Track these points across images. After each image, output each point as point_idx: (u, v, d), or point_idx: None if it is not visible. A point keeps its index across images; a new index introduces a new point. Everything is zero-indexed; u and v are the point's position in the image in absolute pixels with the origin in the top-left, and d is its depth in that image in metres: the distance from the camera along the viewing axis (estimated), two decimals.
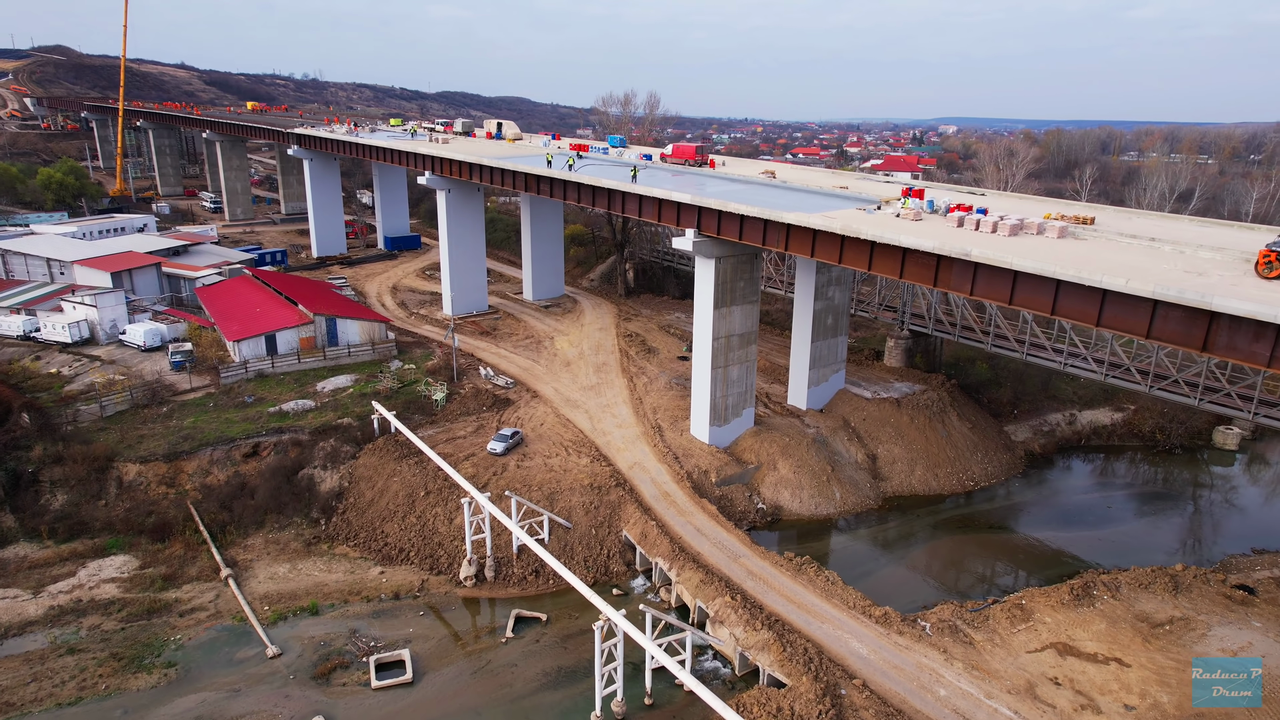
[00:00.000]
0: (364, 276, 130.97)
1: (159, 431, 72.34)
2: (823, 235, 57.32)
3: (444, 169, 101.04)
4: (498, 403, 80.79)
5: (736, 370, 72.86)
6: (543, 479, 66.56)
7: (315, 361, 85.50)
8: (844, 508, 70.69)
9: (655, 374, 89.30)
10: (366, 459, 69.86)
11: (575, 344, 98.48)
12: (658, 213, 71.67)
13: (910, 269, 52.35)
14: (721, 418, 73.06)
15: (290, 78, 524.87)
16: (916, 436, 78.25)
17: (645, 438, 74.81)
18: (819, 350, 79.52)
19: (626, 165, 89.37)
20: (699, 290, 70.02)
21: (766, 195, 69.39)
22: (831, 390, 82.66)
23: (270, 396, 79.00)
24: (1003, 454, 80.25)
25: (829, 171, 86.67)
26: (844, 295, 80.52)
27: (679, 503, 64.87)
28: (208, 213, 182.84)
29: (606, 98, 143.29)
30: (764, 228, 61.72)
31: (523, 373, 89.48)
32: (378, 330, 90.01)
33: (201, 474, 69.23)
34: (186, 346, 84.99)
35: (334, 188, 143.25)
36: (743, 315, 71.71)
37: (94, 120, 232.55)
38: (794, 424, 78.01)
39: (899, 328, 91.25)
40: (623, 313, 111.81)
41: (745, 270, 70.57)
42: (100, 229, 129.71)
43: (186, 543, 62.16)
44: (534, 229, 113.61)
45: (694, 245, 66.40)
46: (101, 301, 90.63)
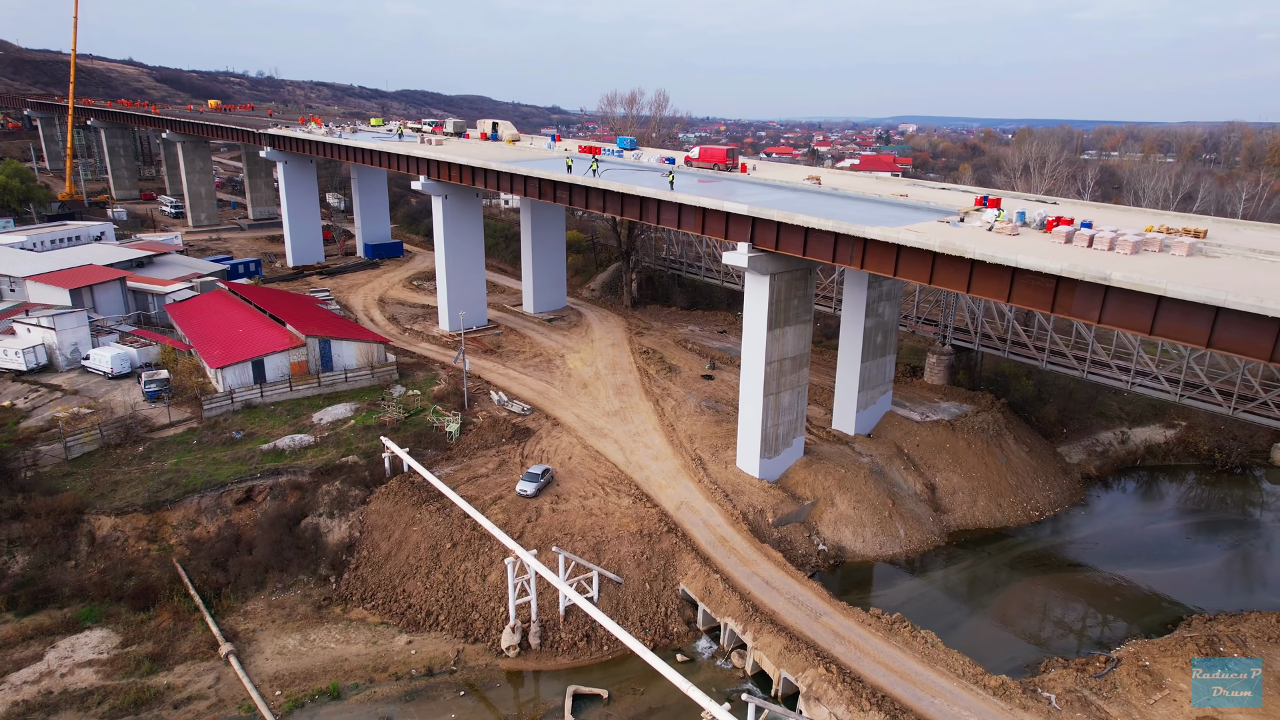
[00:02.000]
0: (346, 288, 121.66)
1: (136, 476, 63.21)
2: (909, 252, 50.96)
3: (442, 173, 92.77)
4: (517, 433, 73.04)
5: (788, 396, 66.32)
6: (584, 525, 59.17)
7: (309, 389, 76.76)
8: (909, 546, 64.58)
9: (682, 396, 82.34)
10: (379, 504, 61.68)
11: (589, 362, 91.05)
12: (701, 224, 64.74)
13: (1021, 291, 46.24)
14: (772, 449, 66.45)
15: (245, 75, 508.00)
16: (975, 463, 72.57)
17: (687, 471, 67.83)
18: (868, 371, 73.39)
19: (648, 169, 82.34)
20: (750, 310, 63.27)
21: (824, 204, 62.91)
22: (879, 413, 76.63)
23: (261, 431, 70.20)
24: (1061, 479, 75.02)
25: (879, 177, 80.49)
26: (894, 311, 74.53)
27: (739, 549, 58.03)
28: (168, 218, 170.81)
29: (611, 96, 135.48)
30: (834, 242, 55.18)
31: (538, 397, 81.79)
32: (376, 352, 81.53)
33: (188, 525, 60.41)
34: (162, 374, 75.56)
35: (310, 192, 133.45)
36: (795, 336, 65.16)
37: (39, 119, 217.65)
38: (845, 452, 71.72)
39: (940, 342, 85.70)
40: (633, 326, 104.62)
41: (799, 287, 64.05)
42: (53, 238, 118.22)
43: (175, 610, 53.44)
44: (535, 237, 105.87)
45: (749, 261, 59.60)
46: (61, 323, 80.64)
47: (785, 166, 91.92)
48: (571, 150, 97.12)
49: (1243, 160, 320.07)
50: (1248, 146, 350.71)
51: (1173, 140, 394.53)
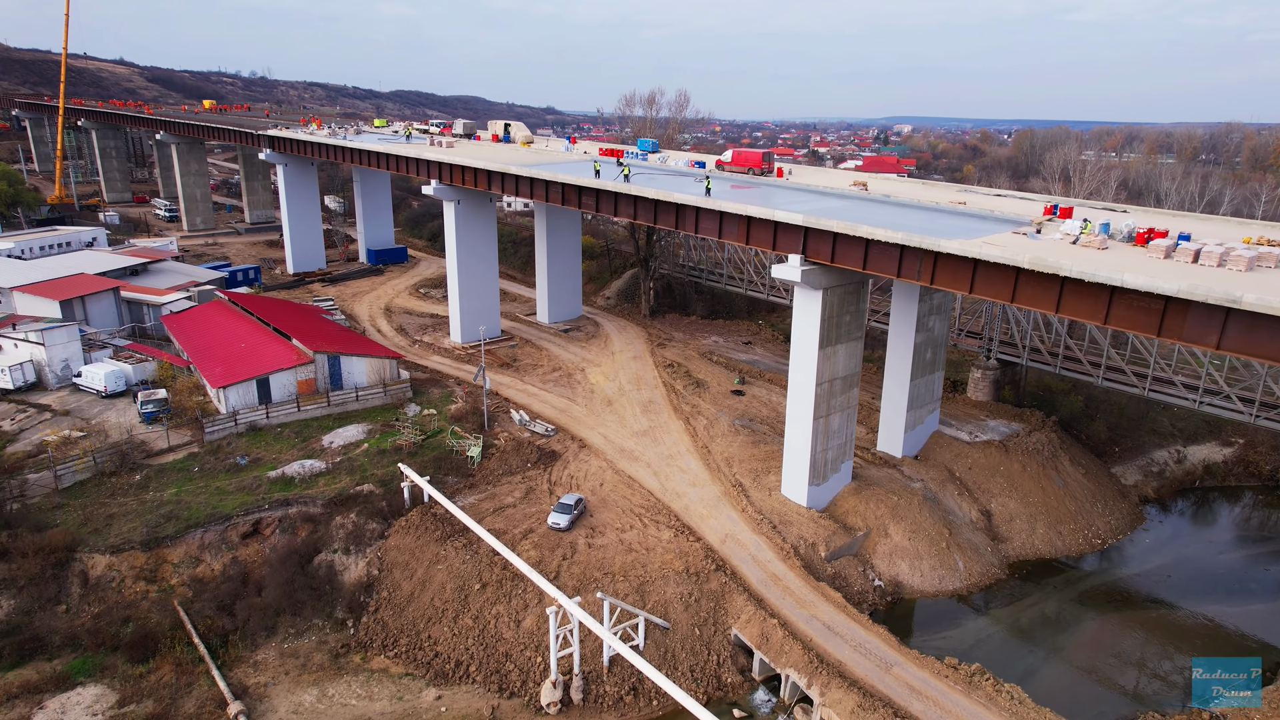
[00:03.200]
0: (350, 296, 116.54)
1: (133, 508, 58.11)
2: (989, 267, 46.37)
3: (455, 177, 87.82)
4: (543, 456, 68.17)
5: (838, 419, 61.68)
6: (624, 563, 54.35)
7: (317, 409, 71.72)
8: (969, 579, 60.00)
9: (713, 414, 77.63)
10: (399, 539, 56.73)
11: (611, 377, 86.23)
12: (745, 233, 60.05)
13: (1122, 313, 41.70)
14: (821, 475, 61.80)
15: (238, 75, 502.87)
16: (1031, 487, 68.08)
17: (728, 499, 63.12)
18: (917, 389, 68.83)
19: (678, 174, 77.67)
20: (800, 327, 58.59)
21: (878, 213, 58.33)
22: (926, 433, 72.07)
23: (268, 456, 65.16)
24: (1119, 503, 70.62)
25: (928, 182, 75.97)
26: (944, 325, 70.02)
27: (793, 588, 53.32)
28: (163, 222, 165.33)
29: (629, 96, 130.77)
30: (900, 255, 50.57)
31: (561, 415, 76.94)
32: (389, 369, 76.52)
33: (190, 563, 55.36)
34: (160, 394, 70.42)
35: (311, 196, 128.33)
36: (847, 355, 60.54)
37: (27, 119, 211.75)
38: (894, 476, 67.13)
39: (984, 357, 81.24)
40: (653, 337, 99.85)
41: (852, 302, 59.44)
42: (42, 244, 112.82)
43: (177, 662, 48.36)
44: (551, 243, 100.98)
45: (802, 275, 54.91)
46: (51, 337, 75.39)
47: (823, 171, 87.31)
48: (591, 153, 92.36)
49: (1245, 161, 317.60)
50: (1250, 147, 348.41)
51: (1173, 141, 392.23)
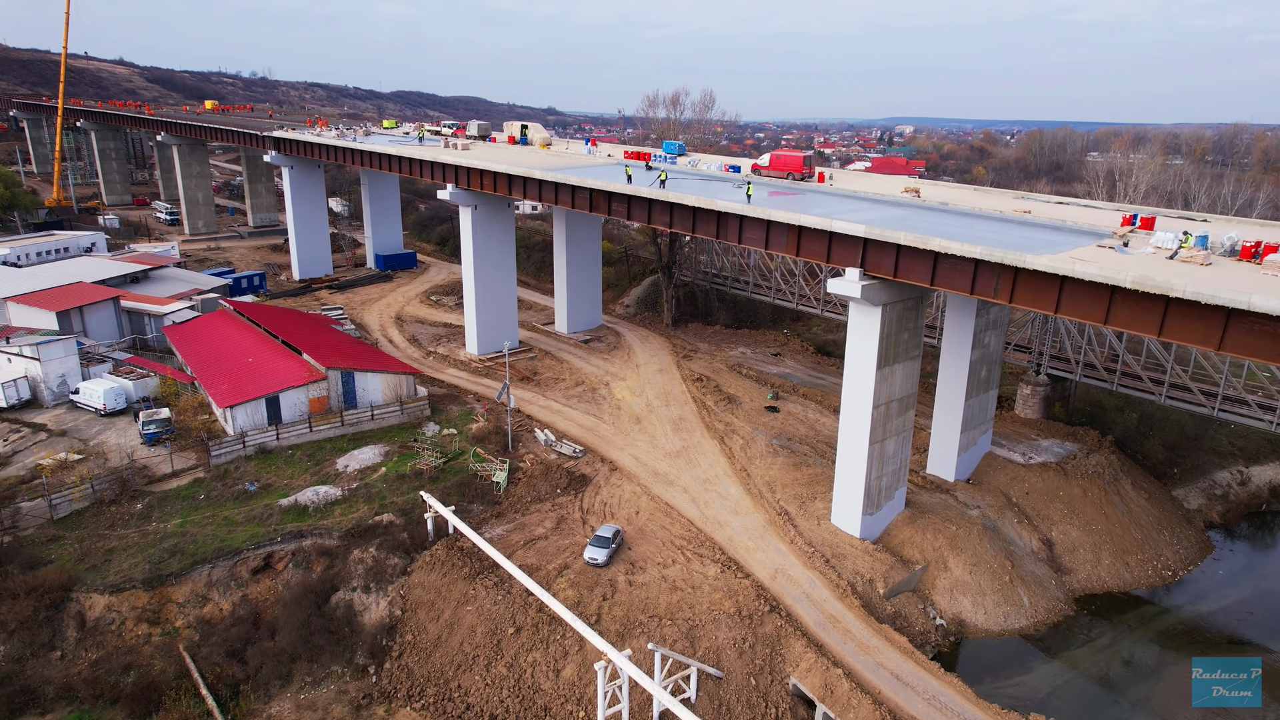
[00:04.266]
0: (359, 304, 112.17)
1: (134, 542, 53.71)
2: (1078, 285, 42.02)
3: (473, 181, 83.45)
4: (573, 481, 63.79)
5: (894, 443, 57.37)
6: (669, 604, 49.97)
7: (330, 429, 67.33)
8: (1035, 617, 55.64)
9: (748, 433, 73.28)
10: (423, 576, 52.33)
11: (637, 392, 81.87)
12: (796, 244, 55.70)
13: (1240, 338, 37.39)
14: (875, 504, 57.47)
15: (238, 76, 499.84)
16: (1094, 514, 63.75)
17: (774, 529, 58.77)
18: (971, 409, 64.53)
19: (712, 178, 73.40)
20: (856, 346, 54.28)
21: (940, 223, 54.06)
22: (978, 455, 67.79)
23: (279, 482, 60.76)
24: (1185, 529, 66.32)
25: (988, 190, 71.63)
26: (1000, 341, 65.75)
27: (854, 632, 48.97)
28: (163, 225, 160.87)
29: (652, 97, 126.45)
30: (974, 270, 46.24)
31: (588, 435, 72.57)
32: (405, 385, 72.14)
33: (196, 603, 50.97)
34: (163, 414, 66.02)
35: (318, 199, 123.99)
36: (904, 375, 56.25)
37: (25, 119, 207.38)
38: (949, 503, 62.81)
39: (1034, 371, 76.93)
40: (677, 349, 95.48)
41: (910, 318, 55.15)
42: (38, 250, 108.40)
43: (184, 716, 44.01)
44: (570, 250, 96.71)
45: (862, 291, 50.56)
46: (47, 352, 71.02)
47: (866, 175, 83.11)
48: (615, 155, 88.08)
49: (1256, 162, 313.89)
50: (1261, 148, 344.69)
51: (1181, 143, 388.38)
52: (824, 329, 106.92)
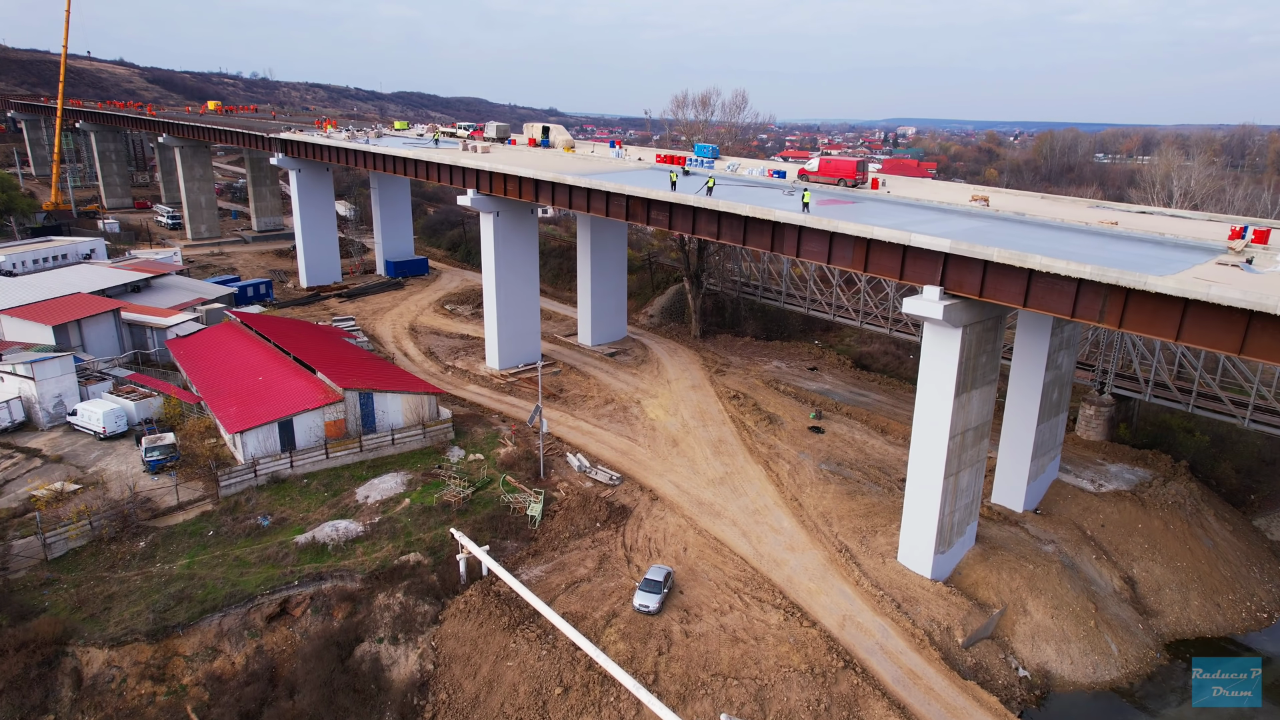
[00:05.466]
0: (370, 313, 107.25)
1: (137, 586, 48.72)
2: (1205, 309, 37.07)
3: (496, 186, 78.55)
4: (613, 513, 58.82)
5: (967, 475, 52.45)
6: (731, 659, 45.03)
7: (349, 455, 62.36)
8: (1126, 666, 50.68)
9: (794, 457, 68.41)
10: (457, 625, 47.38)
11: (672, 411, 76.94)
12: (864, 259, 50.75)
13: None
14: (947, 541, 52.52)
15: (239, 76, 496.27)
16: (1177, 549, 58.83)
17: (835, 568, 53.84)
18: (1042, 434, 59.64)
19: (756, 184, 68.57)
20: (932, 372, 49.27)
21: (1024, 236, 49.25)
22: (1046, 483, 62.93)
23: (294, 515, 55.79)
24: (1274, 564, 61.38)
25: (1058, 198, 66.69)
26: (1073, 360, 60.88)
27: (937, 689, 44.05)
28: (165, 229, 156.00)
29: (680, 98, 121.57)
30: (1075, 291, 41.36)
31: (623, 459, 67.66)
32: (427, 406, 67.18)
33: (206, 656, 45.97)
34: (167, 439, 61.07)
35: (326, 204, 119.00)
36: (980, 402, 51.30)
37: (23, 120, 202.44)
38: (1020, 537, 57.89)
39: (1097, 391, 72.05)
40: (708, 362, 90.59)
41: (989, 340, 50.24)
42: (35, 258, 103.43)
43: None
44: (595, 258, 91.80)
45: (944, 311, 45.65)
46: (42, 370, 66.07)
47: (923, 182, 78.01)
48: (646, 159, 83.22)
49: (1270, 164, 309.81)
50: (1275, 149, 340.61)
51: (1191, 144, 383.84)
52: (857, 340, 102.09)
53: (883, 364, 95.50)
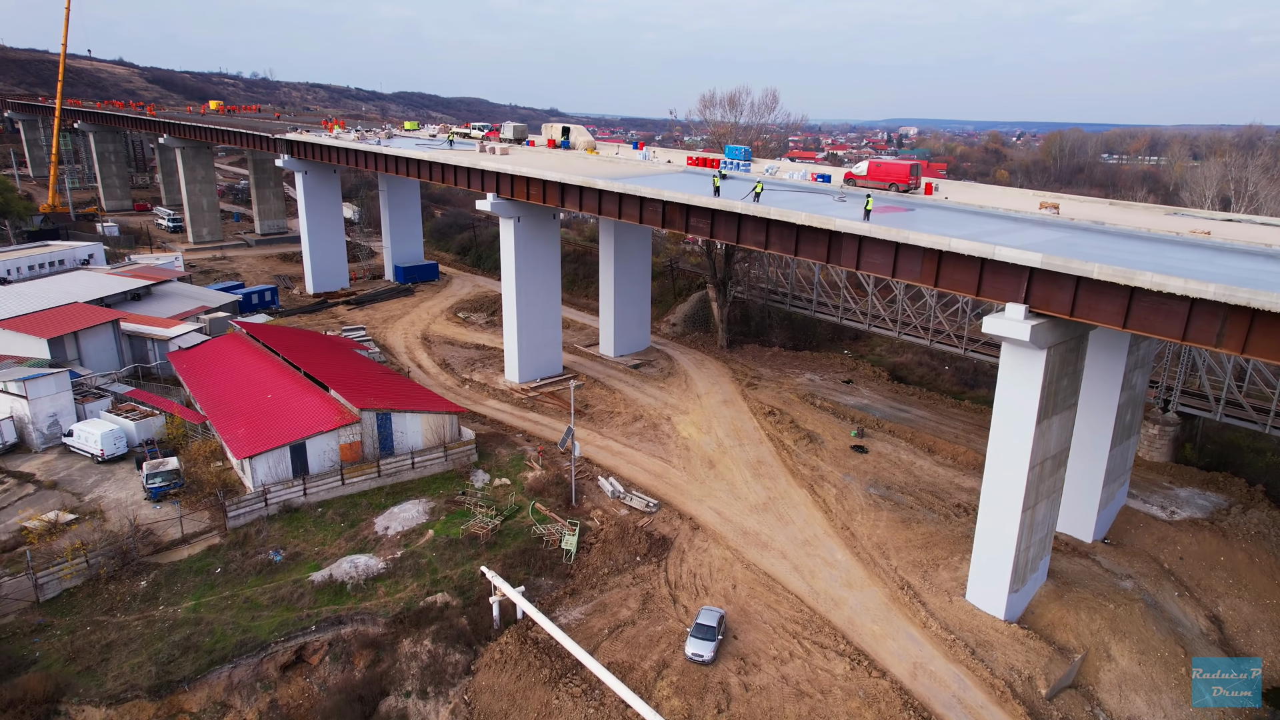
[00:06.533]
0: (381, 321, 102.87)
1: (138, 633, 44.28)
2: None
3: (518, 190, 74.20)
4: (653, 545, 54.39)
5: (1044, 507, 48.11)
6: (797, 717, 40.61)
7: (366, 480, 57.95)
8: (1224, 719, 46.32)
9: (840, 480, 64.05)
10: (492, 677, 42.95)
11: (705, 428, 72.55)
12: (934, 272, 46.36)
13: None
14: (1021, 578, 48.15)
15: (239, 76, 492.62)
16: (1265, 584, 54.40)
17: (899, 607, 49.44)
18: (1114, 459, 55.30)
19: (801, 189, 64.25)
20: (1010, 397, 44.84)
21: (1107, 246, 44.94)
22: (1114, 509, 58.59)
23: (309, 549, 51.35)
24: None
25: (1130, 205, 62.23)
26: (1146, 380, 56.52)
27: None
28: (165, 232, 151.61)
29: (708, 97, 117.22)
30: (1188, 311, 36.97)
31: (658, 482, 63.27)
32: (449, 426, 62.77)
33: (215, 713, 41.52)
34: (170, 464, 56.63)
35: (334, 207, 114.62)
36: (1060, 428, 47.00)
37: (20, 120, 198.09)
38: (1093, 571, 53.50)
39: (1160, 409, 67.69)
40: (738, 375, 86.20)
41: (1071, 361, 45.91)
42: (30, 264, 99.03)
43: None
44: (618, 265, 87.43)
45: (1032, 332, 41.25)
46: (35, 388, 61.66)
47: (982, 187, 73.39)
48: (676, 162, 78.91)
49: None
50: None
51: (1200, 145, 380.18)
52: (888, 350, 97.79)
53: (918, 376, 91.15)
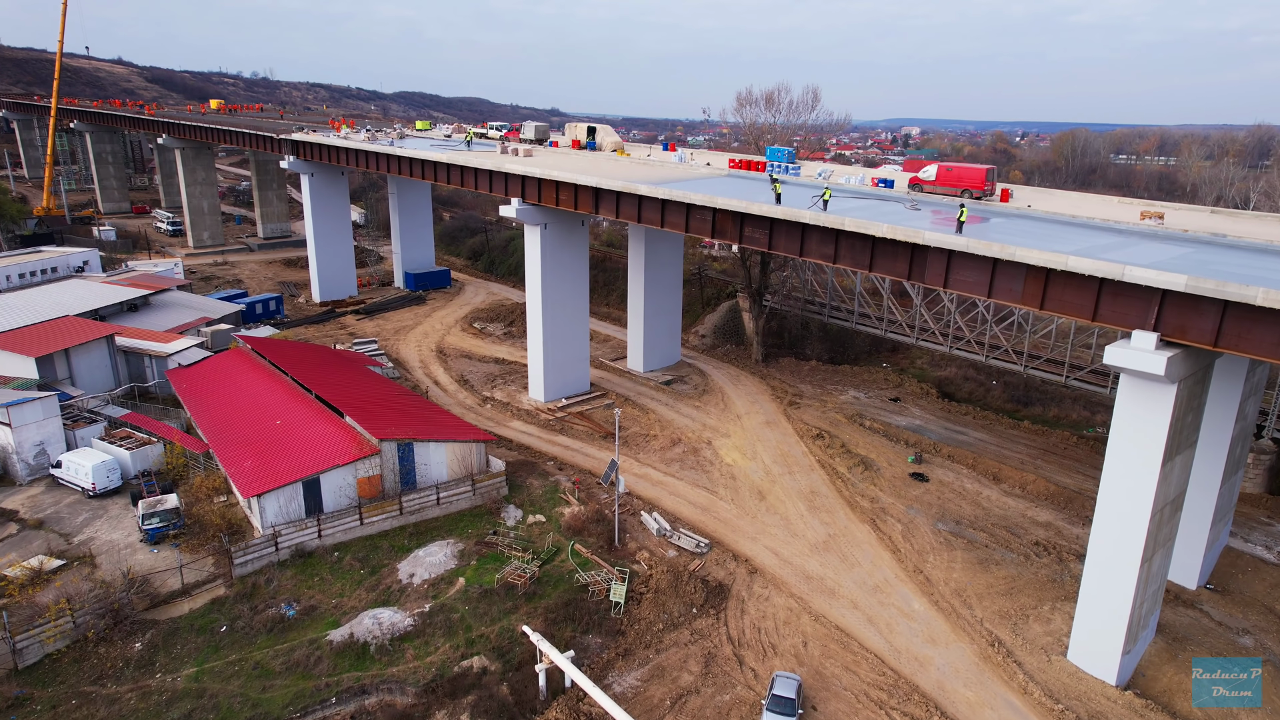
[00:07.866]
0: (392, 332, 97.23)
1: (131, 708, 38.46)
2: None
3: (546, 195, 68.54)
4: (709, 594, 48.64)
5: (1159, 557, 42.45)
6: None
7: (386, 519, 52.20)
8: None
9: (902, 513, 58.40)
10: None
11: (749, 454, 66.90)
12: (1040, 293, 40.64)
13: None
14: (1134, 637, 42.49)
15: (239, 76, 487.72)
16: None
17: (992, 668, 43.73)
18: (1223, 496, 49.62)
19: (867, 195, 58.62)
20: (1130, 435, 39.05)
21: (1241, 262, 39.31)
22: (1217, 551, 52.91)
23: (325, 602, 45.63)
24: None
25: (1237, 214, 56.49)
26: (1256, 408, 50.89)
27: None
28: (164, 236, 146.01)
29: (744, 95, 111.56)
30: None
31: (705, 516, 57.58)
32: (475, 455, 57.05)
33: None
34: (169, 502, 50.90)
35: (341, 211, 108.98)
36: (1182, 469, 41.33)
37: (15, 120, 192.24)
38: (1203, 624, 47.79)
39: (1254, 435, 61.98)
40: (778, 392, 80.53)
41: (1198, 395, 40.26)
42: (20, 272, 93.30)
43: None
44: (648, 274, 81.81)
45: (1167, 365, 35.55)
46: (20, 415, 55.95)
47: (1061, 194, 67.52)
48: (715, 164, 73.21)
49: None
50: None
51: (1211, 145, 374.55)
52: (929, 363, 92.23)
53: (966, 392, 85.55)
